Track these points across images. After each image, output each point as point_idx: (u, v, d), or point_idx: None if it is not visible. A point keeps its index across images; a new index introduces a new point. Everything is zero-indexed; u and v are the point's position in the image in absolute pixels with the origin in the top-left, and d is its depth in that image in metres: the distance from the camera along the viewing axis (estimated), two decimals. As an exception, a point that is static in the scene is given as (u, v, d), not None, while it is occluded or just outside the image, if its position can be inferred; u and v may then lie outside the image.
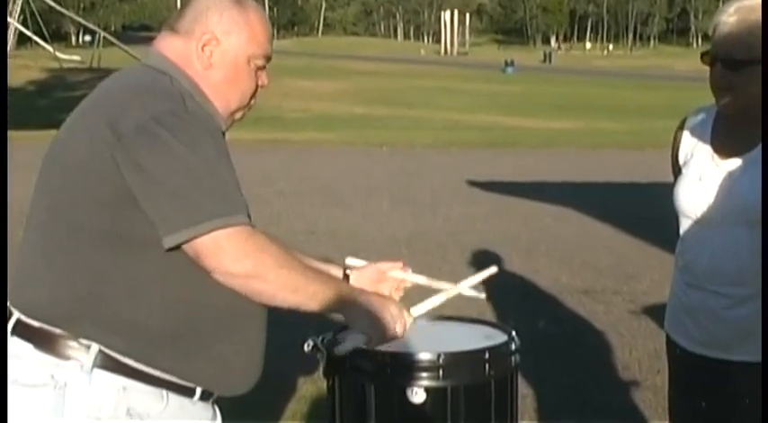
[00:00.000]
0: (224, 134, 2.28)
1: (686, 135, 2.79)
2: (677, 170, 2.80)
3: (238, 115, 2.35)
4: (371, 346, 2.21)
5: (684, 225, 2.74)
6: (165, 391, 2.19)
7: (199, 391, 2.23)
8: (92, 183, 2.12)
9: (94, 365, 2.13)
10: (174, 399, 2.20)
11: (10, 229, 2.75)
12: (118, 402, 2.14)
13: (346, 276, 2.53)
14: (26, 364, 2.16)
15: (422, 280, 2.51)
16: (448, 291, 2.45)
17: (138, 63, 2.34)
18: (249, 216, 2.12)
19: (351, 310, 2.23)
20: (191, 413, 2.24)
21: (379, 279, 2.54)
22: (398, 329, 2.25)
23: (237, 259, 2.07)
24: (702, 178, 2.67)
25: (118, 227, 2.12)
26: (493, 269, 2.52)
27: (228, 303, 2.17)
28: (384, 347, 2.22)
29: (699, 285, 2.68)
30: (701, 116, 2.77)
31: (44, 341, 2.15)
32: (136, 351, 2.15)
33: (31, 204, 2.26)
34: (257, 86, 2.34)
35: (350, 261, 2.57)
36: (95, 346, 2.13)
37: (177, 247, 2.07)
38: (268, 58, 2.33)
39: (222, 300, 2.16)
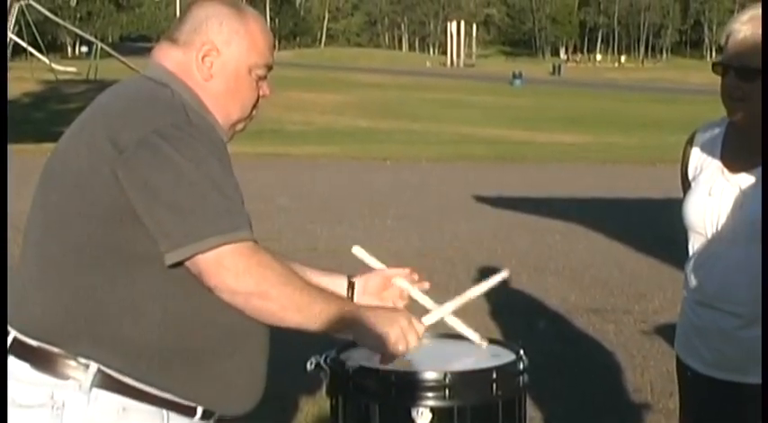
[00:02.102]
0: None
1: (696, 150, 2.75)
2: (687, 186, 2.76)
3: (240, 126, 2.32)
4: (385, 364, 2.17)
5: (694, 242, 2.69)
6: (165, 411, 2.16)
7: (200, 410, 2.20)
8: (90, 197, 2.09)
9: (93, 385, 2.10)
10: (175, 419, 2.17)
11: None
12: None
13: (351, 284, 2.49)
14: (23, 383, 2.13)
15: (427, 302, 2.44)
16: (458, 300, 2.39)
17: (137, 75, 2.31)
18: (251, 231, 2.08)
19: (358, 330, 2.17)
20: (192, 433, 2.20)
21: (384, 286, 2.50)
22: (411, 341, 2.18)
23: (239, 276, 2.03)
24: (712, 193, 2.62)
25: (116, 242, 2.09)
26: (504, 273, 2.46)
27: (230, 320, 2.14)
28: (389, 366, 2.18)
29: (710, 304, 2.62)
30: (710, 130, 2.74)
31: (42, 360, 2.12)
32: (135, 369, 2.12)
33: (28, 220, 2.23)
34: (259, 97, 2.31)
35: (356, 251, 2.52)
36: (94, 366, 2.10)
37: (178, 264, 2.04)
38: (269, 68, 2.30)
39: (223, 317, 2.13)
